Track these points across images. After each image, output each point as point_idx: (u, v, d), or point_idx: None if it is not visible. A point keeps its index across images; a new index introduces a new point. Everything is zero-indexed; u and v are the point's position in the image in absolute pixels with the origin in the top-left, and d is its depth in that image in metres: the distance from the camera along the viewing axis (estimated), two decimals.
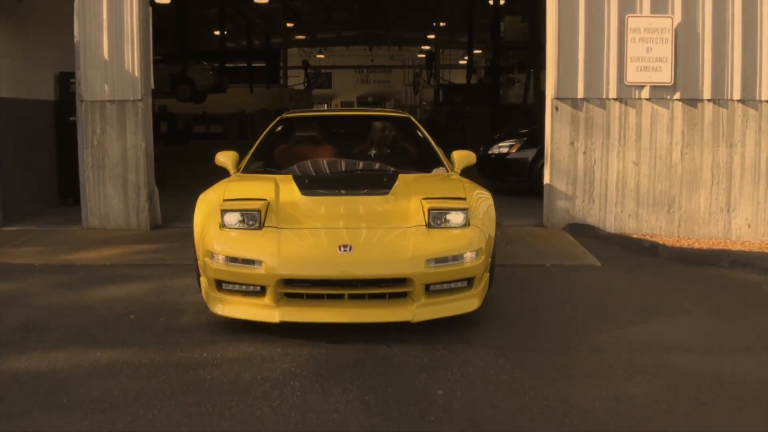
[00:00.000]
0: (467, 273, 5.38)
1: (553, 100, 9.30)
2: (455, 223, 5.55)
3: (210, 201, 5.99)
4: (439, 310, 5.33)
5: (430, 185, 6.40)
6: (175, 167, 19.83)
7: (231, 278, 5.33)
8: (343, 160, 7.19)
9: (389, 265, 5.22)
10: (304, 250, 5.34)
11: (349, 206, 5.85)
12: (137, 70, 9.34)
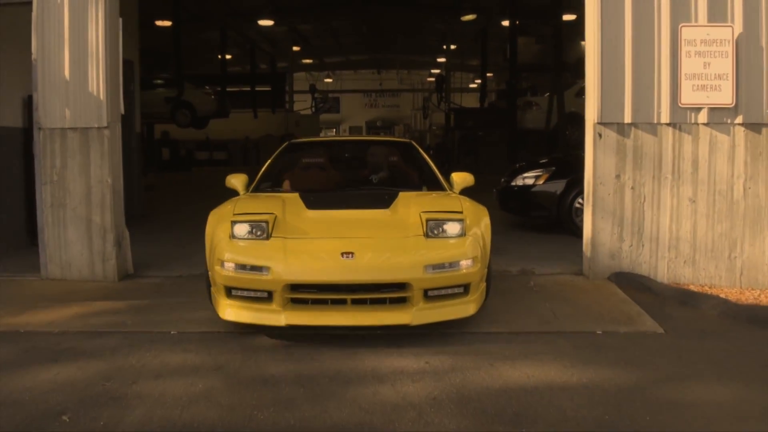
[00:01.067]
0: (464, 279, 5.67)
1: (596, 125, 7.74)
2: (452, 233, 5.85)
3: (220, 214, 6.34)
4: (437, 314, 5.62)
5: (429, 201, 6.60)
6: (172, 197, 18.49)
7: (240, 284, 5.63)
8: (348, 182, 7.58)
9: (389, 270, 5.52)
10: (309, 257, 5.61)
11: (352, 219, 6.17)
12: (102, 92, 7.84)
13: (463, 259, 5.71)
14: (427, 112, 44.80)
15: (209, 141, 32.18)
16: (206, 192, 20.39)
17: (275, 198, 6.78)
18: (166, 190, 21.60)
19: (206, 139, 32.00)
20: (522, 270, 8.20)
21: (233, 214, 6.14)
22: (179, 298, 7.16)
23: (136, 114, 14.02)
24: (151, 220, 13.18)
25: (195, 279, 7.94)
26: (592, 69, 7.73)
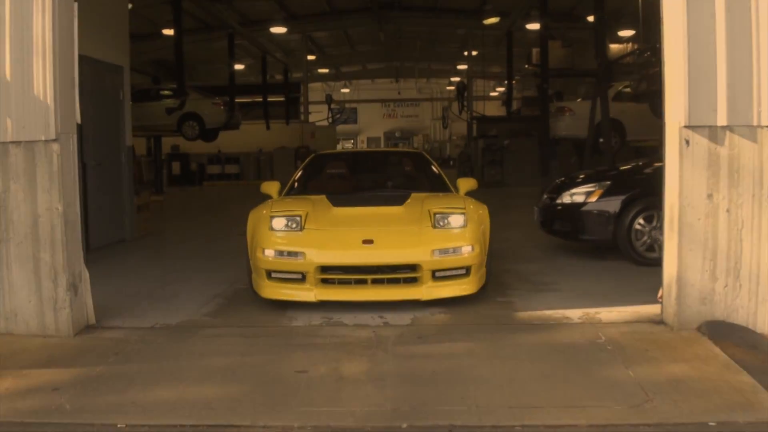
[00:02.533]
0: (466, 262, 6.72)
1: (682, 129, 5.92)
2: (455, 224, 6.94)
3: (260, 212, 7.31)
4: (443, 291, 6.69)
5: (436, 200, 7.53)
6: (177, 216, 17.06)
7: (278, 268, 6.72)
8: (367, 186, 8.64)
9: (403, 254, 6.65)
10: (336, 244, 6.74)
11: (371, 214, 7.23)
12: (50, 96, 6.12)
13: (465, 245, 6.79)
14: (446, 121, 43.09)
15: (220, 154, 30.66)
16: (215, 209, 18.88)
17: (305, 199, 7.73)
18: (172, 207, 20.05)
19: (218, 153, 30.48)
20: (584, 316, 6.40)
21: (272, 211, 7.15)
22: (142, 363, 5.42)
23: (127, 126, 12.34)
24: (143, 246, 11.51)
25: (170, 332, 6.24)
26: (677, 59, 5.92)
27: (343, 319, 6.46)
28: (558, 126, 18.62)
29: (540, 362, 5.17)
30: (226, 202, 21.97)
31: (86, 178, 10.15)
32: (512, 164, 24.83)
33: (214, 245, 11.50)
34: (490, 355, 5.34)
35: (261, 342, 5.84)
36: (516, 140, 25.52)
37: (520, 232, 12.01)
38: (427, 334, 5.94)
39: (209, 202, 22.01)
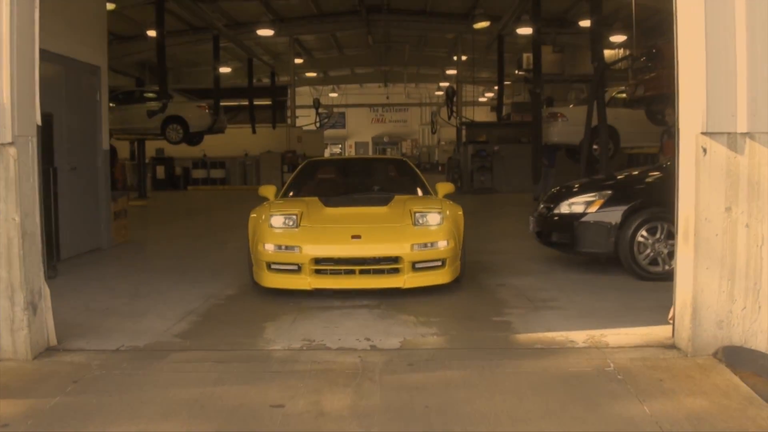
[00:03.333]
0: (442, 255, 7.49)
1: (699, 136, 5.39)
2: (433, 222, 7.72)
3: (260, 212, 8.13)
4: (422, 280, 7.44)
5: (417, 201, 8.42)
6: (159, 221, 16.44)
7: (277, 260, 7.46)
8: (355, 189, 9.35)
9: (387, 248, 7.41)
10: (328, 239, 7.51)
11: (359, 213, 8.07)
12: (6, 96, 5.52)
13: (441, 240, 7.52)
14: (435, 127, 42.57)
15: (206, 158, 30.14)
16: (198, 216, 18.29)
17: (300, 201, 8.54)
18: (155, 212, 19.53)
19: (203, 157, 29.94)
20: (590, 339, 5.86)
21: (271, 210, 7.95)
22: (102, 395, 4.83)
23: (104, 128, 11.76)
24: (119, 256, 10.94)
25: (136, 356, 5.65)
26: (694, 60, 5.40)
27: (326, 342, 5.91)
28: (550, 132, 18.12)
29: (544, 395, 4.62)
30: (211, 208, 21.44)
31: (57, 184, 9.52)
32: (502, 171, 24.46)
33: (193, 255, 10.97)
34: (488, 386, 4.79)
35: (234, 369, 5.26)
36: (506, 146, 25.13)
37: (513, 242, 11.57)
38: (418, 360, 5.39)
39: (193, 208, 21.45)
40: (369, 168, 10.88)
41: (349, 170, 10.60)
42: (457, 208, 8.30)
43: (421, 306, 7.20)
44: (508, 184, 24.08)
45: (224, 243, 12.43)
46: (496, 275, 8.77)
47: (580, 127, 14.51)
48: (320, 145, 35.39)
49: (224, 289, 8.15)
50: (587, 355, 5.46)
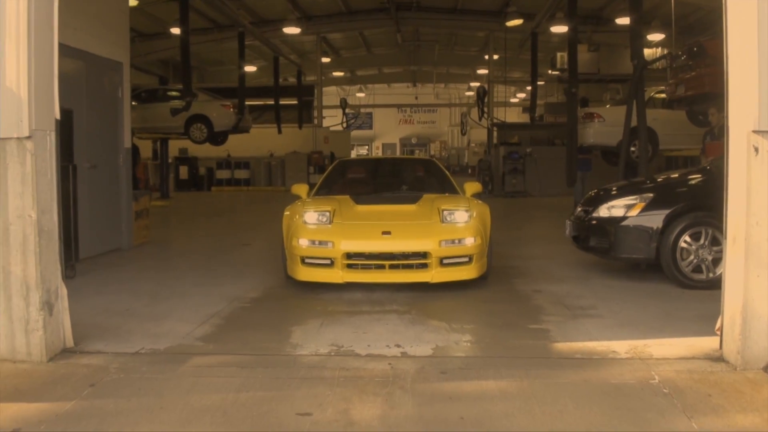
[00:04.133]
0: (468, 251, 7.84)
1: (751, 134, 5.20)
2: (460, 219, 8.10)
3: (293, 210, 8.58)
4: (449, 275, 7.77)
5: (445, 199, 8.76)
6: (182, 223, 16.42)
7: (311, 254, 7.84)
8: (384, 188, 9.81)
9: (416, 244, 7.75)
10: (360, 234, 7.90)
11: (389, 211, 8.46)
12: (24, 87, 5.46)
13: (468, 237, 7.86)
14: (465, 128, 42.37)
15: (230, 159, 30.19)
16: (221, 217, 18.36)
17: (332, 199, 8.88)
18: (177, 213, 19.57)
19: (227, 157, 29.99)
20: (632, 349, 5.66)
21: (305, 207, 8.40)
22: (120, 399, 4.73)
23: (126, 125, 11.73)
24: (140, 257, 10.90)
25: (157, 359, 5.55)
26: (746, 55, 5.20)
27: (355, 348, 5.78)
28: (586, 133, 17.88)
29: (587, 409, 4.45)
30: (235, 209, 21.45)
31: (77, 182, 9.48)
32: (535, 173, 24.27)
33: (216, 257, 10.89)
34: (526, 397, 4.62)
35: (259, 374, 5.14)
36: (539, 148, 24.94)
37: (546, 247, 11.48)
38: (451, 368, 5.23)
39: (216, 209, 21.46)
40: (398, 168, 11.26)
41: (379, 170, 11.03)
42: (484, 207, 8.64)
43: (454, 312, 7.08)
44: (541, 188, 23.89)
45: (248, 244, 12.39)
46: (532, 281, 8.63)
47: (618, 129, 14.27)
48: (347, 146, 35.37)
49: (248, 292, 8.07)
50: (630, 366, 5.27)
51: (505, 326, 6.48)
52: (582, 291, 7.96)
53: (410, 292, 7.84)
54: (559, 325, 6.47)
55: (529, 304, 7.40)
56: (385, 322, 6.62)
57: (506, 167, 24.67)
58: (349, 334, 6.17)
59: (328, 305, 7.34)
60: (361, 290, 7.96)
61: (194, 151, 28.88)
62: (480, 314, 7.12)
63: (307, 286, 8.05)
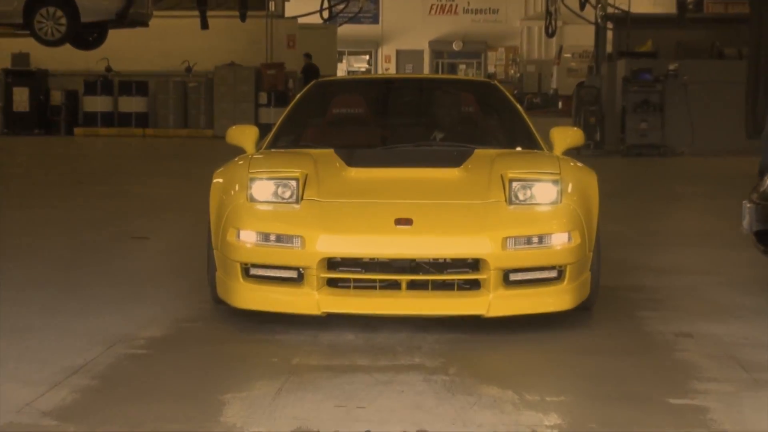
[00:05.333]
0: (557, 260, 7.75)
1: None
2: (543, 199, 7.99)
3: (230, 175, 8.54)
4: (521, 304, 7.72)
5: (515, 159, 8.82)
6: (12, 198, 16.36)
7: (262, 260, 7.77)
8: (401, 136, 9.87)
9: (458, 243, 7.66)
10: (352, 224, 7.80)
11: (410, 179, 8.38)
12: None
13: (557, 231, 7.72)
14: (553, 24, 42.40)
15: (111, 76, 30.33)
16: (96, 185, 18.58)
17: (302, 154, 8.83)
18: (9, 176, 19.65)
19: (106, 72, 30.12)
20: None
21: (251, 171, 8.13)
22: None
23: None
24: None
25: None
26: None
27: None
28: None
29: None
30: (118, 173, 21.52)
31: None
32: (684, 112, 24.25)
33: (84, 261, 11.00)
34: None
35: None
36: (694, 64, 24.93)
37: (704, 252, 11.67)
38: None
39: (84, 171, 21.60)
40: (427, 98, 11.18)
41: (391, 101, 11.02)
42: (587, 175, 8.61)
43: (528, 373, 7.15)
44: (696, 140, 23.87)
45: (144, 237, 12.48)
46: (675, 316, 8.66)
47: None
48: (330, 55, 35.51)
49: (144, 327, 8.09)
50: None
51: (624, 400, 6.49)
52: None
53: (447, 333, 7.86)
54: (728, 399, 6.48)
55: (669, 357, 7.44)
56: (399, 389, 6.63)
57: (629, 100, 24.71)
58: (329, 411, 6.18)
59: (293, 355, 7.35)
60: (354, 328, 7.97)
61: (42, 60, 28.99)
62: (578, 376, 7.11)
63: (254, 317, 8.06)
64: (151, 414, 6.23)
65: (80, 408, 6.30)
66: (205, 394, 6.49)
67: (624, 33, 27.96)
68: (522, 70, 54.89)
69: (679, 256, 11.34)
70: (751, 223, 9.19)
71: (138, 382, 6.82)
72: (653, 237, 12.60)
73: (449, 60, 57.38)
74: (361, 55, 57.07)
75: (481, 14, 57.65)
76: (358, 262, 7.61)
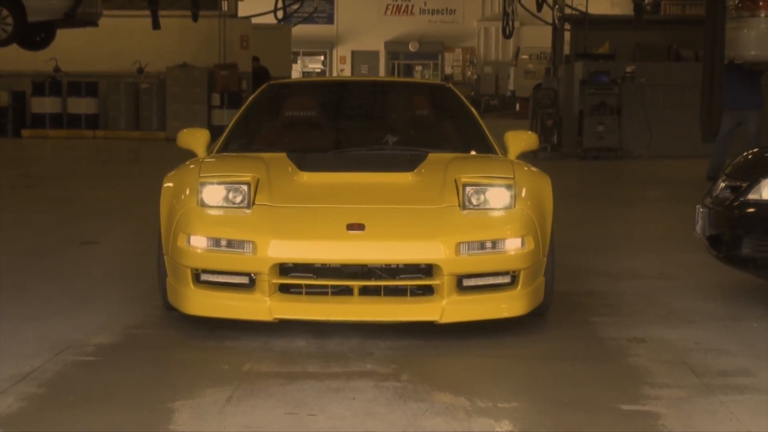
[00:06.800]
0: (511, 265, 7.88)
1: None
2: (497, 203, 8.13)
3: (182, 177, 8.64)
4: (474, 310, 7.84)
5: (469, 164, 8.97)
6: None
7: (213, 265, 7.86)
8: (354, 140, 10.06)
9: (411, 248, 7.79)
10: (305, 229, 7.92)
11: (362, 183, 8.53)
12: None
13: (510, 236, 7.86)
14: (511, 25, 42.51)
15: (59, 76, 30.21)
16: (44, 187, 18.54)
17: (254, 158, 8.90)
18: None
19: (54, 73, 30.02)
20: None
21: (202, 175, 8.23)
22: None
23: None
24: None
25: None
26: None
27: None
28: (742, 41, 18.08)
29: None
30: (68, 176, 21.46)
31: None
32: (641, 115, 24.36)
33: (32, 265, 10.98)
34: None
35: None
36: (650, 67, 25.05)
37: (658, 256, 11.82)
38: None
39: (32, 175, 21.55)
40: (381, 100, 11.40)
41: (345, 104, 11.24)
42: (541, 179, 8.74)
43: (481, 378, 7.20)
44: (652, 143, 23.97)
45: (94, 241, 12.48)
46: (628, 321, 8.79)
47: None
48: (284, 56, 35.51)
49: (94, 333, 8.14)
50: None
51: (576, 406, 6.57)
52: (723, 340, 8.14)
53: (400, 339, 7.93)
54: (679, 405, 6.57)
55: (622, 363, 7.54)
56: (351, 396, 6.68)
57: (587, 102, 24.80)
58: (280, 419, 6.24)
59: (244, 361, 7.40)
60: (306, 334, 8.05)
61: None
62: (531, 382, 7.20)
63: (205, 323, 8.11)
64: (99, 421, 6.28)
65: (27, 416, 6.35)
66: (155, 402, 6.55)
67: (581, 34, 28.09)
68: (479, 72, 55.03)
69: (633, 261, 11.44)
70: (704, 227, 9.32)
71: (86, 390, 6.86)
72: (607, 241, 12.68)
73: (405, 61, 57.45)
74: (316, 56, 57.06)
75: (438, 15, 57.77)
76: (310, 268, 7.71)
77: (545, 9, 29.34)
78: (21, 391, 6.72)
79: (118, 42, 29.75)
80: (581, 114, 24.92)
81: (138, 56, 30.73)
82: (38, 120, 30.47)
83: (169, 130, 29.11)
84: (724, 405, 6.60)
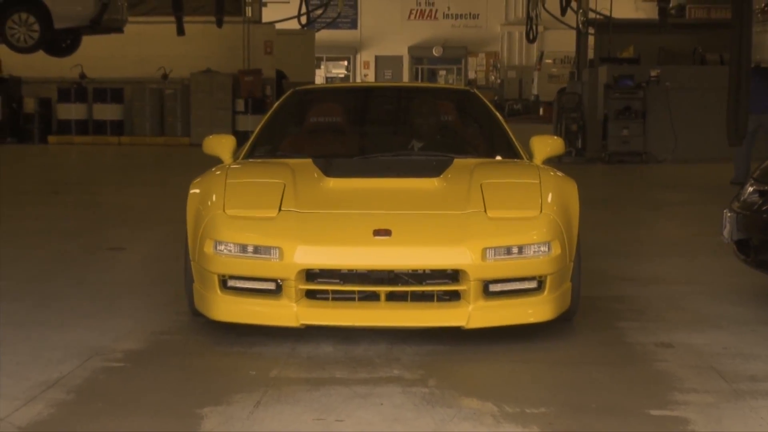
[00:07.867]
0: (537, 270, 7.87)
1: None
2: (523, 209, 8.14)
3: (207, 185, 8.62)
4: (501, 315, 7.83)
5: (494, 169, 9.12)
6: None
7: (239, 271, 7.89)
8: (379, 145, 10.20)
9: (438, 254, 7.80)
10: (331, 235, 7.94)
11: (388, 189, 8.55)
12: None
13: (536, 241, 7.84)
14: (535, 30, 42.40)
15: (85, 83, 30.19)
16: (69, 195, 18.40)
17: (280, 164, 8.99)
18: None
19: (80, 79, 30.00)
20: None
21: (228, 181, 8.34)
22: None
23: None
24: None
25: None
26: None
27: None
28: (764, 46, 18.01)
29: None
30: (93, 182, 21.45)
31: None
32: (666, 119, 24.28)
33: (59, 271, 10.98)
34: None
35: None
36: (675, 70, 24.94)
37: (685, 262, 11.76)
38: None
39: (58, 180, 21.52)
40: (405, 106, 11.52)
41: (370, 109, 11.36)
42: (566, 184, 8.68)
43: (508, 384, 7.19)
44: (678, 147, 23.91)
45: (120, 248, 12.48)
46: (655, 326, 8.76)
47: None
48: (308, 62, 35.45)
49: (121, 340, 8.14)
50: None
51: (604, 411, 6.56)
52: (751, 345, 8.10)
53: (426, 345, 7.92)
54: (708, 410, 6.55)
55: (649, 368, 7.51)
56: (379, 402, 6.68)
57: (611, 106, 24.73)
58: (308, 425, 6.25)
59: (271, 367, 7.41)
60: (333, 339, 8.04)
61: (15, 67, 28.85)
62: (558, 387, 7.15)
63: (232, 329, 8.12)
64: (127, 428, 6.29)
65: (56, 422, 6.35)
66: (183, 408, 6.55)
67: (606, 38, 27.97)
68: (503, 76, 54.89)
69: (659, 266, 11.40)
70: (732, 232, 9.27)
71: (114, 396, 6.85)
72: (634, 246, 12.64)
73: (429, 66, 57.35)
74: (340, 61, 56.97)
75: (461, 19, 57.60)
76: (337, 274, 7.71)
77: (569, 13, 29.23)
78: (50, 398, 6.73)
79: (143, 48, 29.74)
80: (606, 118, 24.86)
81: (163, 62, 30.73)
82: (64, 126, 30.52)
83: (194, 136, 29.20)
84: (754, 410, 6.58)
